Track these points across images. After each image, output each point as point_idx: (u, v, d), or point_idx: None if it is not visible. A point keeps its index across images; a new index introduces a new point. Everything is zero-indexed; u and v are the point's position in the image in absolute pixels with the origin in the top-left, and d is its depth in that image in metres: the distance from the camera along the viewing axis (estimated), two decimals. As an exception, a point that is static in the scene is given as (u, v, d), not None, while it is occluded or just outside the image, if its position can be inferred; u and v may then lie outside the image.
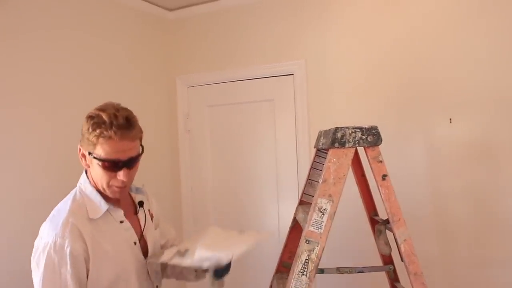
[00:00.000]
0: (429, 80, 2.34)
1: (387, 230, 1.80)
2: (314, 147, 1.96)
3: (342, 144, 1.58)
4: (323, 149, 1.93)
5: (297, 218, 1.87)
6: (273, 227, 2.73)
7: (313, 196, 1.95)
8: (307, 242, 1.56)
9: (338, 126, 1.61)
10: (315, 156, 1.96)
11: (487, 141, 2.22)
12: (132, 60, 2.76)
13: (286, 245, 1.99)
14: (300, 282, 1.55)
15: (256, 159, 2.80)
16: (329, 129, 1.69)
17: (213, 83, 2.90)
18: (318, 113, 2.61)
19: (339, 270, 1.73)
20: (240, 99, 2.81)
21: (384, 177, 1.62)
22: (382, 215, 1.95)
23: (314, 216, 1.57)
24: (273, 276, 1.97)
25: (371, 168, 1.63)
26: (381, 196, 1.63)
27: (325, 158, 1.93)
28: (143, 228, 1.54)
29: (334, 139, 1.59)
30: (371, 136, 1.61)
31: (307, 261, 1.56)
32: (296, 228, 1.96)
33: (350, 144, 1.59)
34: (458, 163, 2.28)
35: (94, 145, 1.35)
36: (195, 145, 2.97)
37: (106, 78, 2.57)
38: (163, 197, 2.83)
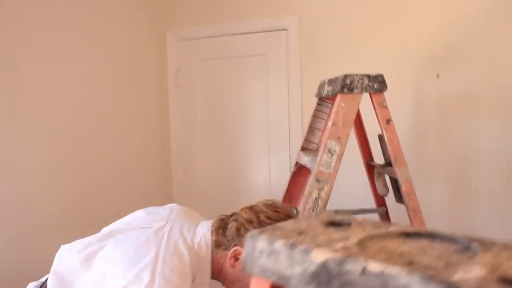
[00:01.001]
0: (417, 35, 2.46)
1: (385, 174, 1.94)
2: (316, 96, 2.04)
3: (351, 90, 1.68)
4: (325, 98, 2.02)
5: (301, 162, 1.97)
6: (264, 179, 2.83)
7: (314, 143, 2.06)
8: (317, 181, 1.67)
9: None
10: (316, 105, 2.04)
11: (473, 97, 2.37)
12: (121, 14, 2.74)
13: (287, 190, 2.09)
14: (311, 218, 1.66)
15: (248, 113, 2.87)
16: (336, 77, 1.78)
17: (205, 37, 2.92)
18: (310, 69, 2.69)
19: (337, 212, 1.86)
20: (233, 53, 2.85)
21: (388, 121, 1.73)
22: (378, 161, 2.08)
23: (324, 157, 1.67)
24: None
25: (376, 113, 1.74)
26: (384, 139, 1.75)
27: (327, 106, 2.03)
28: None
29: (343, 85, 1.68)
30: (377, 83, 1.71)
31: (317, 199, 1.67)
32: (297, 173, 2.06)
33: (358, 90, 1.69)
34: (445, 118, 2.43)
35: None
36: (185, 100, 3.00)
37: (93, 30, 2.55)
38: (152, 151, 2.87)
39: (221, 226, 1.32)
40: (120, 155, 2.59)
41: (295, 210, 2.05)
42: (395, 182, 1.95)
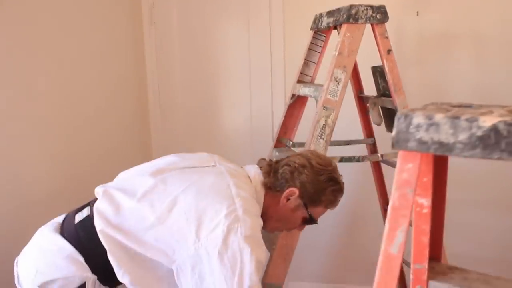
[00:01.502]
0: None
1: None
2: (311, 29, 2.07)
3: (356, 20, 1.72)
4: (320, 32, 2.06)
5: (299, 93, 2.01)
6: (245, 115, 2.85)
7: (309, 76, 2.10)
8: (325, 108, 1.73)
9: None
10: (312, 38, 2.07)
11: (450, 34, 2.49)
12: None
13: (283, 123, 2.14)
14: (319, 145, 1.73)
15: (228, 50, 2.84)
16: (339, 8, 1.81)
17: (181, -29, 2.82)
18: (293, 4, 2.69)
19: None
20: (212, -11, 2.78)
21: (389, 51, 1.81)
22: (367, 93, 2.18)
23: (331, 85, 1.73)
24: (272, 149, 2.14)
25: (378, 44, 1.80)
26: (385, 69, 1.82)
27: (321, 40, 2.07)
28: None
29: (349, 15, 1.72)
30: (380, 14, 1.77)
31: (324, 126, 1.73)
32: (293, 105, 2.11)
33: (362, 20, 1.74)
34: (424, 54, 2.54)
35: (318, 205, 1.42)
36: (161, 38, 2.91)
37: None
38: (127, 91, 2.78)
39: (271, 170, 1.43)
40: (94, 98, 2.47)
41: (290, 143, 2.12)
42: (387, 112, 2.05)
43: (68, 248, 1.28)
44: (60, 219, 1.42)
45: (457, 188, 2.35)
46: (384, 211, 2.36)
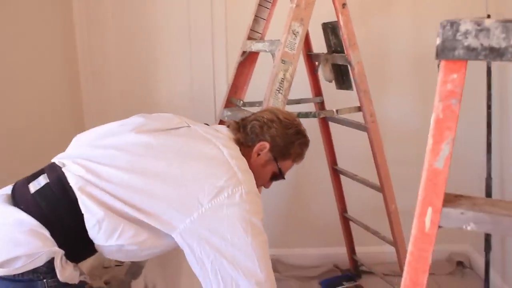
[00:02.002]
0: None
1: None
2: (261, -16, 2.00)
3: (312, -29, 1.69)
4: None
5: (251, 49, 1.95)
6: (185, 78, 2.73)
7: (258, 32, 2.05)
8: (283, 62, 1.69)
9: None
10: (262, -7, 2.01)
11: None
12: None
13: (233, 83, 2.08)
14: (277, 99, 1.70)
15: (165, 10, 2.68)
16: (293, -41, 1.76)
17: None
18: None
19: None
20: None
21: (343, 5, 1.80)
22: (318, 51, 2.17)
23: (289, 38, 1.69)
24: (223, 110, 2.07)
25: (333, -3, 1.79)
26: (339, 23, 1.82)
27: (272, -5, 2.01)
28: None
29: (305, -34, 1.68)
30: (335, -35, 1.75)
31: (283, 80, 1.70)
32: (243, 63, 2.05)
33: (319, -29, 1.71)
34: (365, 15, 2.57)
35: (287, 158, 1.42)
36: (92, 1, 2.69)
37: None
38: (55, 55, 2.54)
39: (239, 127, 1.42)
40: (20, 60, 2.22)
41: (241, 102, 2.07)
42: (338, 69, 2.06)
43: (28, 221, 1.13)
44: (7, 190, 1.24)
45: (395, 144, 2.47)
46: (332, 169, 2.41)
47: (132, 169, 1.20)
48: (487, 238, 2.14)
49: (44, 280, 1.12)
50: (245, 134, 1.40)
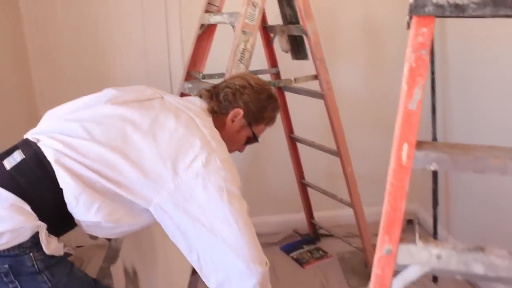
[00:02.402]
0: None
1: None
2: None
3: None
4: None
5: (209, 22, 1.98)
6: (139, 49, 2.69)
7: (215, 5, 2.08)
8: (244, 33, 1.74)
9: None
10: (218, -34, 2.03)
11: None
12: None
13: (192, 56, 2.10)
14: (239, 69, 1.75)
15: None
16: None
17: None
18: None
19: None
20: None
21: (299, -23, 1.86)
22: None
23: (249, 10, 1.74)
24: (183, 83, 2.10)
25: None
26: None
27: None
28: None
29: None
30: None
31: (244, 50, 1.75)
32: (201, 36, 2.07)
33: None
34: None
35: (261, 123, 1.46)
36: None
37: None
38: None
39: (212, 95, 1.44)
40: None
41: (201, 75, 2.10)
42: (294, 40, 2.14)
43: (8, 196, 1.12)
44: None
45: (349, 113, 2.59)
46: (289, 138, 2.50)
47: (108, 142, 1.20)
48: (435, 194, 2.32)
49: (31, 254, 1.13)
50: (218, 102, 1.42)
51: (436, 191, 2.31)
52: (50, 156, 1.17)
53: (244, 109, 1.42)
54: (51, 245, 1.16)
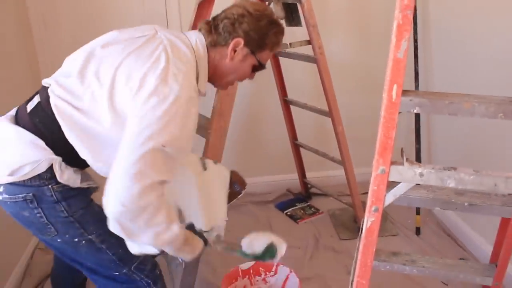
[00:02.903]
0: None
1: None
2: None
3: None
4: None
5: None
6: (138, 15, 2.76)
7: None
8: (243, 1, 1.86)
9: None
10: None
11: None
12: None
13: (193, 23, 2.20)
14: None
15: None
16: None
17: None
18: None
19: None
20: None
21: None
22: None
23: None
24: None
25: None
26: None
27: None
28: None
29: None
30: None
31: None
32: (203, 4, 2.19)
33: None
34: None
35: (264, 49, 1.44)
36: None
37: None
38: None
39: (211, 28, 1.44)
40: None
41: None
42: (288, 7, 2.27)
43: (27, 135, 1.29)
44: (12, 112, 1.39)
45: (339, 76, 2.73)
46: (283, 101, 2.66)
47: (82, 79, 1.30)
48: (417, 132, 2.53)
49: (50, 186, 1.29)
50: (218, 34, 1.42)
51: (418, 130, 2.53)
52: (52, 100, 1.31)
53: (244, 38, 1.40)
54: (64, 175, 1.30)
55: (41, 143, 1.29)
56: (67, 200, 1.32)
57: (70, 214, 1.33)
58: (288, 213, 2.83)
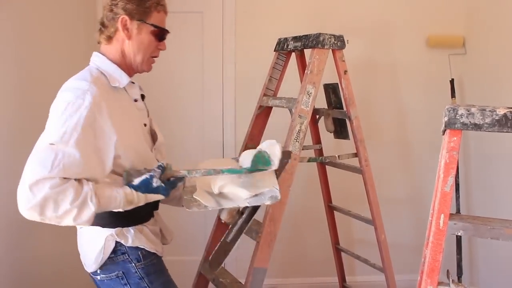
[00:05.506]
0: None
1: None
2: (275, 51, 2.44)
3: (323, 46, 2.14)
4: (282, 53, 2.44)
5: (268, 105, 2.36)
6: (197, 132, 3.11)
7: (272, 90, 2.47)
8: (300, 117, 2.10)
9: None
10: (275, 58, 2.45)
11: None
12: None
13: (250, 132, 2.45)
14: (295, 147, 2.09)
15: (182, 69, 3.09)
16: (306, 35, 2.21)
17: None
18: (244, 29, 3.05)
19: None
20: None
21: (345, 72, 2.25)
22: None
23: (304, 98, 2.11)
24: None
25: (337, 66, 2.24)
26: (341, 86, 2.26)
27: (283, 60, 2.45)
28: (148, 114, 1.66)
29: (317, 42, 2.13)
30: (340, 42, 2.21)
31: (299, 131, 2.11)
32: (259, 116, 2.44)
33: (327, 46, 2.16)
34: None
35: (150, 13, 1.48)
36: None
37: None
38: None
39: (100, 29, 1.52)
40: None
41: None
42: (337, 122, 2.50)
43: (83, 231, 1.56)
44: None
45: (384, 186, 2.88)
46: (328, 207, 2.80)
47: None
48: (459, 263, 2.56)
49: (133, 264, 1.49)
50: (107, 28, 1.49)
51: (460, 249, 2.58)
52: None
53: (127, 14, 1.46)
54: (128, 240, 1.47)
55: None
56: (149, 276, 1.50)
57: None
58: (327, 317, 2.85)
